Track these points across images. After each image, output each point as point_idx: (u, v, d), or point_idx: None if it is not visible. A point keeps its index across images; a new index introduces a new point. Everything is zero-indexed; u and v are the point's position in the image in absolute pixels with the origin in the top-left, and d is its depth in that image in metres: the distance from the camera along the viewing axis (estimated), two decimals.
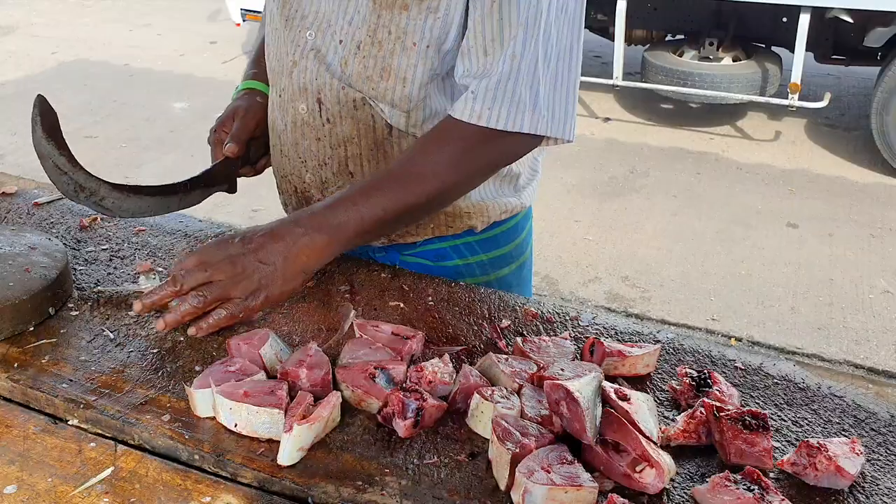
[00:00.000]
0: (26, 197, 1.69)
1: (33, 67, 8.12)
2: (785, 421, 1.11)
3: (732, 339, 4.07)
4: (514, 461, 0.96)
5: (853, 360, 3.97)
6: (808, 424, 1.10)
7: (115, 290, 1.35)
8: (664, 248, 4.94)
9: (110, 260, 1.46)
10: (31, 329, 1.25)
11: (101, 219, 1.61)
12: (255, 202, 4.96)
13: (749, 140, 6.52)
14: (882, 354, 4.01)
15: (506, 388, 1.11)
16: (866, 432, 1.09)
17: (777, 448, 1.04)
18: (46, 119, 1.32)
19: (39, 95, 1.33)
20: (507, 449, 0.97)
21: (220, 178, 1.55)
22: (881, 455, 1.04)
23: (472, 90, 1.29)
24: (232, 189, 1.58)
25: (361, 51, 1.34)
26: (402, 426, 1.04)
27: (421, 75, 1.34)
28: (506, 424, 1.01)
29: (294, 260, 1.22)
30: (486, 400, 1.06)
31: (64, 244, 1.47)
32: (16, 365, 1.17)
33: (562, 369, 1.13)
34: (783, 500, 0.94)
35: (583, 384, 1.03)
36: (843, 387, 1.17)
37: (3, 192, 1.70)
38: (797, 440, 1.07)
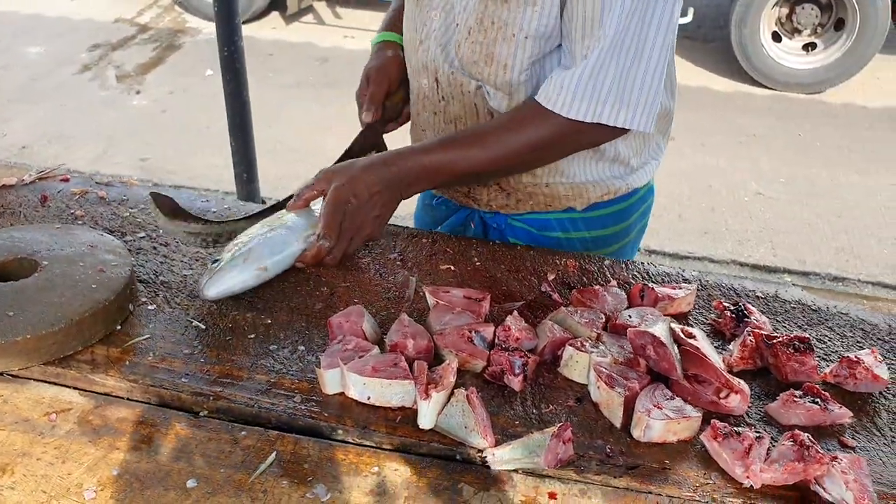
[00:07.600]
0: (34, 189, 1.65)
1: None
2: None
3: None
4: (627, 402, 1.13)
5: (738, 260, 4.40)
6: (829, 341, 1.33)
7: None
8: None
9: (155, 249, 1.48)
10: (119, 328, 1.28)
11: (120, 203, 1.61)
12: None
13: None
14: (762, 251, 4.47)
15: (589, 339, 1.26)
16: (874, 342, 1.33)
17: None
18: (164, 206, 1.44)
19: (152, 192, 1.45)
20: (618, 393, 1.13)
21: (367, 147, 1.65)
22: (892, 360, 1.28)
23: (560, 80, 1.37)
24: (381, 150, 1.66)
25: (471, 36, 1.45)
26: (515, 381, 1.18)
27: (521, 62, 1.44)
28: (608, 371, 1.17)
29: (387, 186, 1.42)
30: (580, 350, 1.22)
31: None
32: (127, 363, 1.21)
33: (630, 316, 1.30)
34: (841, 407, 1.16)
35: (662, 328, 1.21)
36: (846, 304, 1.41)
37: (3, 185, 1.65)
38: (825, 355, 1.29)
